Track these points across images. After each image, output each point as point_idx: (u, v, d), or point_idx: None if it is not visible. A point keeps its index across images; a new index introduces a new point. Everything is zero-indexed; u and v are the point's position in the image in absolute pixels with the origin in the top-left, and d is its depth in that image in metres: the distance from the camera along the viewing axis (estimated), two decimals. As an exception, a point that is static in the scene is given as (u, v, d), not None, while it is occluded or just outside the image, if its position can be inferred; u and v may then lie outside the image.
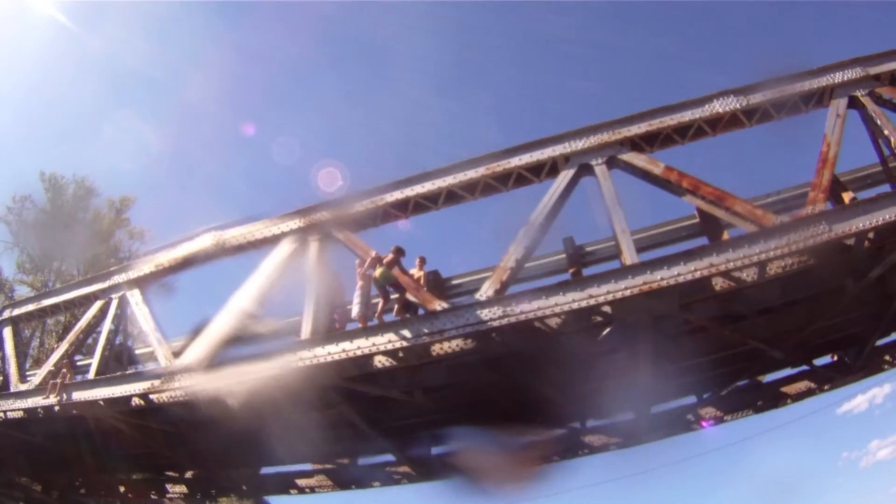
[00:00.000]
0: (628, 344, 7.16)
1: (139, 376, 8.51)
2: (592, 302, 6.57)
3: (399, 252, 7.62)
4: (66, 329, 17.63)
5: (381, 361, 7.33)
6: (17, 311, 11.29)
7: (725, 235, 7.44)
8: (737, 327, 7.41)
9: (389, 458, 9.83)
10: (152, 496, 12.30)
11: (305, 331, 7.58)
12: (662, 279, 6.45)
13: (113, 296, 9.58)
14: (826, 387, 8.55)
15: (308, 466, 10.40)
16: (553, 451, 8.99)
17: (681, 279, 6.42)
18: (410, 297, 7.42)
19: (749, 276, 6.67)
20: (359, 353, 7.13)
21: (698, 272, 6.40)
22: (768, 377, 8.66)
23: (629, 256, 6.83)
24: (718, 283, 6.72)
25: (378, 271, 7.49)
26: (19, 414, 9.69)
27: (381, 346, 7.06)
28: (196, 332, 8.16)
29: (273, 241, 8.45)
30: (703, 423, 8.78)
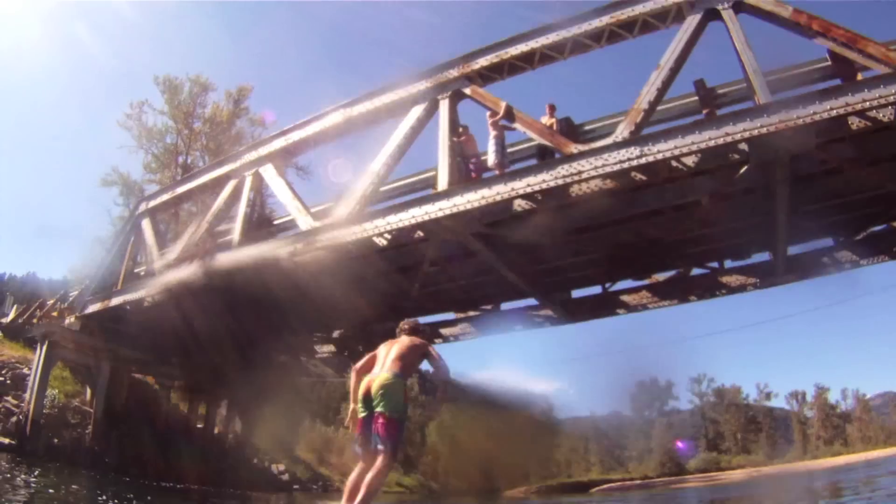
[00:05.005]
0: (764, 184, 7.27)
1: (283, 237, 9.12)
2: (729, 139, 6.70)
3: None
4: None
5: (520, 205, 7.65)
6: (153, 203, 12.03)
7: (859, 77, 7.39)
8: (873, 169, 7.32)
9: (532, 302, 10.18)
10: (301, 358, 13.09)
11: (442, 182, 7.96)
12: (798, 117, 6.53)
13: (246, 173, 10.05)
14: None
15: (451, 315, 10.84)
16: (693, 290, 9.25)
17: (817, 117, 6.49)
18: (545, 142, 7.68)
19: (885, 116, 6.65)
20: (498, 198, 7.45)
21: (834, 111, 6.46)
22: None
23: (763, 96, 6.88)
24: (854, 123, 6.76)
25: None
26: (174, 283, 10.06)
27: (519, 189, 7.34)
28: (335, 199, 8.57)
29: (402, 105, 8.74)
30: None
